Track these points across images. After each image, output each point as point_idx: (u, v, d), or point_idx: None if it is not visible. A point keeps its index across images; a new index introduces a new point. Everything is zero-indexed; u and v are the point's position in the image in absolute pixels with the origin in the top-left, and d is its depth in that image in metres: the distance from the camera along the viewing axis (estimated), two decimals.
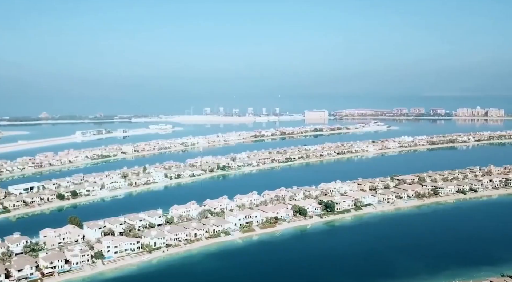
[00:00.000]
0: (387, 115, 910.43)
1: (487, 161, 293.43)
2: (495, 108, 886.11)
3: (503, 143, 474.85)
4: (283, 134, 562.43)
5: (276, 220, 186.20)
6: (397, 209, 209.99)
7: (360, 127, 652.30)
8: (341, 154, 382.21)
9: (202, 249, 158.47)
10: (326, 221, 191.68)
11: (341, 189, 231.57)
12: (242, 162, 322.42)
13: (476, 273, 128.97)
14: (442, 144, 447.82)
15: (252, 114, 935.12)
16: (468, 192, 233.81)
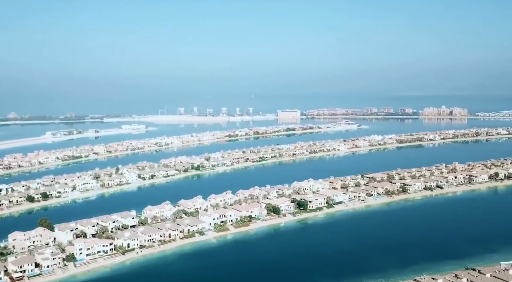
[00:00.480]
0: (358, 115, 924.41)
1: (452, 159, 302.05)
2: (459, 108, 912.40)
3: (467, 141, 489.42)
4: (257, 134, 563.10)
5: (250, 219, 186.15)
6: (368, 206, 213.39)
7: (331, 126, 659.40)
8: (313, 152, 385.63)
9: (176, 250, 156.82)
10: (299, 219, 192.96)
11: (313, 187, 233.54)
12: (217, 162, 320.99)
13: (442, 267, 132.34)
14: (410, 142, 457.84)
15: (226, 114, 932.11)
16: (435, 188, 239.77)
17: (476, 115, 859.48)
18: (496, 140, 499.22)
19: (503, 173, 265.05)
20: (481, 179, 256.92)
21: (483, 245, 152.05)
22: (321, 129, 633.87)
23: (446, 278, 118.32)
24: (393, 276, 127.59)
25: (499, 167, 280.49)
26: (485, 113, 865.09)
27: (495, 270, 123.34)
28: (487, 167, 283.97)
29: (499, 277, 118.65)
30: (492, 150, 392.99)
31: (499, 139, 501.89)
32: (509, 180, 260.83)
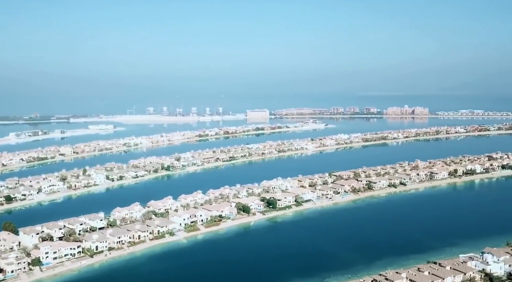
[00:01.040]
0: (325, 114, 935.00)
1: (414, 156, 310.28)
2: (421, 107, 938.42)
3: (428, 139, 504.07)
4: (227, 134, 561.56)
5: (220, 218, 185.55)
6: (335, 203, 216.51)
7: (299, 126, 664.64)
8: (282, 151, 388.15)
9: (146, 251, 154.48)
10: (269, 218, 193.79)
11: (282, 186, 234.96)
12: (187, 162, 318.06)
13: (406, 261, 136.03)
14: (375, 141, 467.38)
15: (196, 114, 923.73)
16: (398, 185, 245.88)
17: (436, 114, 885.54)
18: (455, 138, 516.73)
19: (461, 170, 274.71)
20: (441, 176, 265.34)
21: (444, 239, 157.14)
22: (289, 128, 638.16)
23: (410, 272, 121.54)
24: (359, 272, 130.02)
25: (457, 164, 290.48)
26: (444, 113, 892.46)
27: (454, 263, 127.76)
28: (447, 164, 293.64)
29: (458, 269, 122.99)
30: (451, 147, 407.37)
31: (458, 138, 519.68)
32: (467, 176, 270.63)
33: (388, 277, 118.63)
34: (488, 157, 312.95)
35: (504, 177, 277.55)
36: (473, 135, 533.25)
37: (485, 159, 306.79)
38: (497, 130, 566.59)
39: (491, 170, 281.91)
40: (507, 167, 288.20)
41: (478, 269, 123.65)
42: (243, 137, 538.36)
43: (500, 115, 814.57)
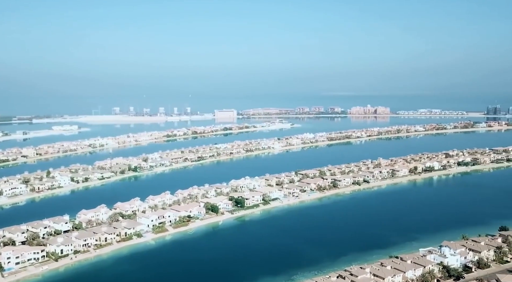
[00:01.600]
0: (291, 114, 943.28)
1: (377, 154, 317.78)
2: (383, 107, 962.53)
3: (390, 138, 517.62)
4: (195, 134, 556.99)
5: (189, 218, 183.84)
6: (302, 201, 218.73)
7: (266, 125, 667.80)
8: (250, 151, 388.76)
9: (113, 253, 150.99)
10: (237, 217, 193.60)
11: (250, 185, 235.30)
12: (155, 162, 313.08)
13: (369, 257, 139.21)
14: (339, 140, 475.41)
15: (164, 113, 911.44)
16: (362, 183, 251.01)
17: (397, 113, 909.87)
18: (415, 136, 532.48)
19: (421, 167, 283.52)
20: (403, 173, 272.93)
21: (405, 234, 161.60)
22: (257, 128, 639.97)
23: (373, 267, 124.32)
24: (325, 268, 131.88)
25: (417, 161, 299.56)
26: (405, 112, 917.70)
27: (415, 257, 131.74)
28: (407, 161, 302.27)
29: (418, 263, 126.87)
30: (411, 145, 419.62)
31: (417, 136, 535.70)
32: (426, 173, 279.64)
33: (353, 272, 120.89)
34: (445, 154, 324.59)
35: (459, 173, 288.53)
36: (431, 134, 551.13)
37: (443, 156, 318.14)
38: (453, 128, 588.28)
39: (448, 167, 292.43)
40: (462, 164, 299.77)
41: (436, 262, 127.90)
42: (211, 137, 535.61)
43: (456, 115, 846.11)
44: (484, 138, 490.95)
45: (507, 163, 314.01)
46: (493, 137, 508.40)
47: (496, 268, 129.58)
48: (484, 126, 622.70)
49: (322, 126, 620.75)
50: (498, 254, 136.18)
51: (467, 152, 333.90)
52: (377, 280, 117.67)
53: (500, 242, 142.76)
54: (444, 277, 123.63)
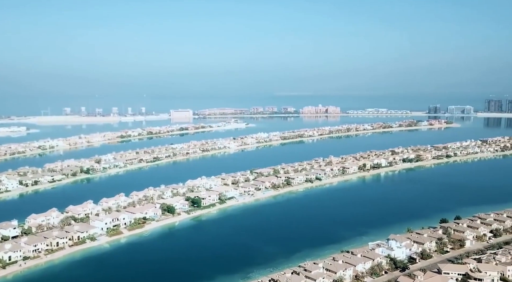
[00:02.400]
0: (246, 114, 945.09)
1: (328, 152, 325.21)
2: (333, 106, 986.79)
3: (340, 136, 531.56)
4: (150, 134, 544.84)
5: (144, 220, 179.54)
6: (257, 200, 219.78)
7: (222, 125, 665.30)
8: (206, 151, 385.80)
9: (66, 258, 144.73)
10: (194, 217, 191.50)
11: (206, 185, 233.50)
12: (108, 164, 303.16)
13: (322, 252, 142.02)
14: (292, 139, 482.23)
15: (117, 114, 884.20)
16: (315, 180, 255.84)
17: (347, 113, 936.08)
18: (363, 135, 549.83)
19: (369, 164, 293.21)
20: (352, 170, 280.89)
21: (355, 229, 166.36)
22: (212, 128, 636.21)
23: (326, 262, 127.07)
24: (280, 265, 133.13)
25: (366, 159, 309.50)
26: (354, 111, 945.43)
27: (364, 250, 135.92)
28: (357, 159, 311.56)
29: (367, 256, 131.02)
30: (360, 143, 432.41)
31: (366, 134, 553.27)
32: (374, 170, 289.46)
33: (307, 268, 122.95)
34: (391, 152, 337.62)
35: (404, 169, 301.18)
36: (378, 132, 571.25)
37: (389, 154, 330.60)
38: (398, 127, 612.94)
39: (394, 164, 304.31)
40: (407, 160, 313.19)
41: (384, 255, 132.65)
42: (167, 137, 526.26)
43: (401, 113, 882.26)
44: (426, 136, 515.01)
45: (446, 159, 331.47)
46: (434, 135, 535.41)
47: (438, 258, 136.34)
48: (426, 124, 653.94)
49: (275, 125, 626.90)
50: (439, 245, 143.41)
51: (411, 149, 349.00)
52: (329, 275, 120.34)
53: (441, 234, 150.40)
54: (391, 268, 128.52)
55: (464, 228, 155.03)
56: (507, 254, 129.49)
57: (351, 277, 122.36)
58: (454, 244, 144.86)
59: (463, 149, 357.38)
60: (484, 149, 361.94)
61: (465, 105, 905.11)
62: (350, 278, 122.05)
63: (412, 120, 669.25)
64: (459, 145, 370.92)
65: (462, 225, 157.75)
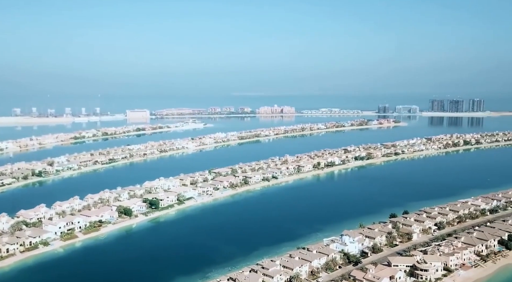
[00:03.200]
0: (203, 114, 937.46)
1: (284, 151, 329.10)
2: (288, 106, 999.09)
3: (295, 136, 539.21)
4: (106, 135, 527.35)
5: (100, 223, 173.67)
6: (215, 199, 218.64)
7: (180, 125, 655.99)
8: (164, 151, 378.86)
9: (17, 265, 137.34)
10: (151, 218, 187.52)
11: (164, 186, 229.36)
12: (62, 166, 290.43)
13: (279, 249, 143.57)
14: (249, 138, 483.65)
15: (71, 114, 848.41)
16: (271, 179, 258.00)
17: (301, 113, 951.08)
18: (317, 134, 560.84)
19: (323, 162, 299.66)
20: (307, 168, 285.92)
21: (311, 226, 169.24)
22: (170, 128, 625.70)
23: (283, 259, 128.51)
24: (239, 263, 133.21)
25: (320, 157, 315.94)
26: (308, 111, 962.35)
27: (319, 247, 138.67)
28: (311, 157, 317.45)
29: (322, 252, 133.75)
30: (315, 142, 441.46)
31: (320, 133, 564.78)
32: (328, 168, 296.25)
33: (264, 265, 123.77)
34: (344, 150, 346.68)
35: (356, 167, 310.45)
36: (331, 131, 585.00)
37: (342, 152, 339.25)
38: (350, 126, 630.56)
39: (346, 162, 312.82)
40: (359, 158, 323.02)
41: (338, 250, 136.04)
42: (123, 138, 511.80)
43: (352, 113, 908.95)
44: (376, 134, 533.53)
45: (395, 156, 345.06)
46: (383, 133, 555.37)
47: (388, 252, 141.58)
48: (376, 123, 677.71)
49: (233, 125, 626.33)
50: (389, 238, 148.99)
51: (362, 147, 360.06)
52: (286, 271, 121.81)
53: (390, 228, 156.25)
54: (345, 263, 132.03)
55: (412, 222, 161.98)
56: (449, 245, 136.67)
57: (307, 273, 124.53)
58: (402, 238, 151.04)
59: (409, 146, 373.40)
60: (429, 146, 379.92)
61: (412, 105, 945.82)
62: (306, 274, 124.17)
63: (363, 119, 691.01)
64: (406, 143, 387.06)
65: (410, 219, 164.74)
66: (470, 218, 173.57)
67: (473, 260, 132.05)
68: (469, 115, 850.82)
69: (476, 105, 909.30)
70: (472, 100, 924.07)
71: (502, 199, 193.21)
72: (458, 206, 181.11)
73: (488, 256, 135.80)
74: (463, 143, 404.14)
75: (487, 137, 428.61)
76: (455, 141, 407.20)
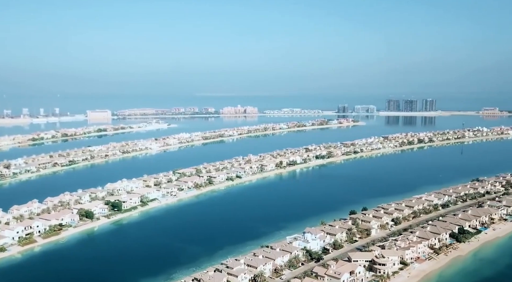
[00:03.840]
0: (167, 114, 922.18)
1: (248, 151, 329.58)
2: (251, 107, 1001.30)
3: (258, 135, 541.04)
4: (65, 136, 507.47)
5: (61, 227, 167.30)
6: (180, 200, 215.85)
7: (143, 126, 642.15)
8: (126, 152, 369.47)
9: None
10: (114, 221, 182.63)
11: (127, 187, 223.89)
12: (19, 169, 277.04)
13: (243, 248, 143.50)
14: (213, 138, 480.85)
15: (28, 115, 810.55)
16: (235, 178, 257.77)
17: (264, 113, 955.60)
18: (280, 133, 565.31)
19: (286, 161, 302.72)
20: (270, 168, 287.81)
21: (274, 224, 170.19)
22: (133, 129, 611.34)
23: (247, 258, 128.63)
24: (203, 264, 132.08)
25: (282, 156, 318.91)
26: (270, 111, 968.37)
27: (282, 244, 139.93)
28: (274, 156, 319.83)
29: (285, 250, 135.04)
30: (277, 142, 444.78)
31: (282, 133, 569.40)
32: (290, 167, 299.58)
33: (229, 265, 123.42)
34: (305, 149, 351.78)
35: (317, 165, 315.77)
36: (293, 131, 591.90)
37: (303, 151, 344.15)
38: (311, 125, 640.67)
39: (308, 160, 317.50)
40: (320, 157, 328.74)
41: (301, 248, 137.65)
42: (84, 139, 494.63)
43: (313, 113, 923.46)
44: (336, 133, 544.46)
45: (354, 154, 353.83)
46: (343, 132, 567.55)
47: (348, 248, 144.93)
48: (336, 123, 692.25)
49: (197, 126, 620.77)
50: (349, 235, 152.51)
51: (323, 146, 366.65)
52: (250, 270, 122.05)
53: (350, 225, 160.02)
54: (307, 260, 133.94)
55: (370, 218, 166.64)
56: (405, 240, 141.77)
57: (270, 271, 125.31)
58: (362, 233, 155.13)
59: (368, 145, 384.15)
60: (386, 145, 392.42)
61: (369, 105, 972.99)
62: (270, 272, 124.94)
63: (323, 119, 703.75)
64: (365, 142, 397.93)
65: (368, 216, 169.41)
66: (424, 213, 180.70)
67: (427, 253, 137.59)
68: (422, 115, 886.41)
69: (429, 105, 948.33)
70: (425, 100, 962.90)
71: (453, 194, 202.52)
72: (413, 202, 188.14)
73: (441, 248, 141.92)
74: (417, 141, 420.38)
75: (439, 136, 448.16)
76: (410, 139, 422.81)
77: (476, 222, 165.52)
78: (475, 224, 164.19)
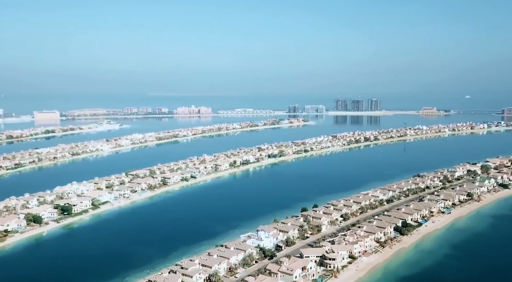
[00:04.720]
0: (119, 115, 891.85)
1: (202, 151, 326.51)
2: (205, 107, 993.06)
3: (212, 135, 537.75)
4: (10, 138, 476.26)
5: (6, 233, 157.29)
6: (133, 202, 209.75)
7: (93, 127, 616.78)
8: (76, 154, 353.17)
9: None
10: (64, 225, 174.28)
11: (77, 190, 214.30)
12: None
13: (198, 248, 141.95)
14: (167, 139, 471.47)
15: None
16: (190, 179, 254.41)
17: (218, 113, 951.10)
18: (233, 133, 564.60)
19: (239, 161, 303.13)
20: (224, 167, 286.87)
21: (228, 223, 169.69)
22: (83, 130, 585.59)
23: (202, 258, 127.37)
24: (158, 266, 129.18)
25: (236, 156, 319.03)
26: (224, 111, 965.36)
27: (237, 243, 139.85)
28: (228, 156, 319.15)
29: (239, 248, 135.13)
30: (231, 141, 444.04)
31: (235, 133, 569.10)
32: (244, 166, 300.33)
33: (183, 265, 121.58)
34: (258, 148, 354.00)
35: (270, 164, 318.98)
36: (246, 131, 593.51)
37: (256, 150, 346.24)
38: (263, 125, 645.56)
39: (260, 159, 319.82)
40: (272, 156, 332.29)
41: (254, 246, 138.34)
42: (30, 141, 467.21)
43: (265, 113, 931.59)
44: (287, 133, 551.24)
45: (304, 153, 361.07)
46: (294, 132, 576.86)
47: (300, 244, 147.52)
48: (287, 123, 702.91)
49: (150, 126, 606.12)
50: (301, 231, 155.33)
51: (275, 145, 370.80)
52: (205, 270, 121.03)
53: (302, 221, 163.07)
54: (261, 258, 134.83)
55: (321, 214, 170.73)
56: (353, 235, 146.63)
57: (225, 270, 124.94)
58: (313, 230, 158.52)
59: (317, 144, 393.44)
60: (334, 143, 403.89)
61: (318, 105, 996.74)
62: (224, 271, 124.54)
63: (275, 119, 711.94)
64: (314, 140, 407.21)
65: (319, 212, 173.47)
66: (370, 208, 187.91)
67: (373, 247, 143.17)
68: (368, 114, 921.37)
69: (374, 105, 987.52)
70: (370, 100, 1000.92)
71: (396, 190, 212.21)
72: (361, 198, 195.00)
73: (386, 242, 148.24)
74: (364, 140, 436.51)
75: (384, 134, 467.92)
76: (357, 137, 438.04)
77: (418, 215, 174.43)
78: (416, 217, 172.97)
